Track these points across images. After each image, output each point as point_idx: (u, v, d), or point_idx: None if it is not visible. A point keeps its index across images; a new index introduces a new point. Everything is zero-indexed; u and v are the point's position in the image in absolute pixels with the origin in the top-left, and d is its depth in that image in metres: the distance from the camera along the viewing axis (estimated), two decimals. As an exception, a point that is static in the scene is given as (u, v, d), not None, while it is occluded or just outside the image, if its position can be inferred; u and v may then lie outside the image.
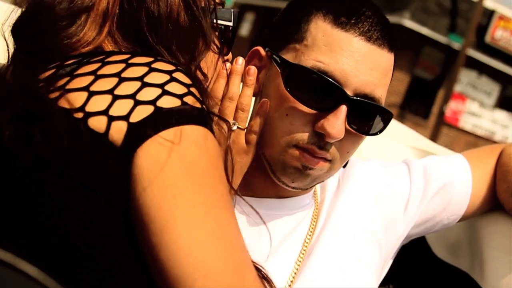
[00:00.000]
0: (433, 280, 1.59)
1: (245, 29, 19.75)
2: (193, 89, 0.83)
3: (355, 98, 1.06)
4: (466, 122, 15.76)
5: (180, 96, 0.80)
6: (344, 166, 1.31)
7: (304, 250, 1.18)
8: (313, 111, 1.07)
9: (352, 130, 1.08)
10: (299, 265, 1.16)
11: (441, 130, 14.34)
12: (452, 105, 15.33)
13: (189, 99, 0.81)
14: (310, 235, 1.20)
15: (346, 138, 1.08)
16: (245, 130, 1.07)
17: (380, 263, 1.25)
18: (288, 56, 1.11)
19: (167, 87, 0.80)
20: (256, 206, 1.17)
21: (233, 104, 1.05)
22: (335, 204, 1.25)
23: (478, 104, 15.71)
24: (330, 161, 1.11)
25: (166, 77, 0.81)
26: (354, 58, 1.05)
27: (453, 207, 1.33)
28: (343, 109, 1.05)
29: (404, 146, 1.70)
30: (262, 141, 1.13)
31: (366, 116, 1.09)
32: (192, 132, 0.78)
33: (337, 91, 1.05)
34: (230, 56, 1.06)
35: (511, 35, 16.07)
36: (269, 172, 1.14)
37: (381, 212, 1.27)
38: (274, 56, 1.12)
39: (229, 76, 1.06)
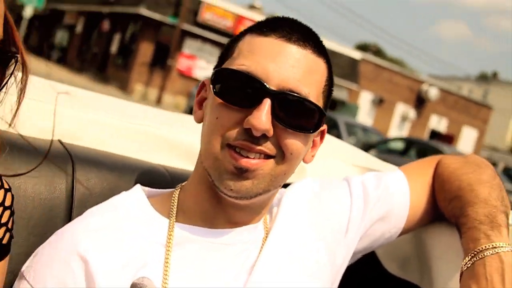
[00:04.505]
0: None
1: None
2: None
3: (276, 90, 1.07)
4: (197, 73, 27.40)
5: None
6: (285, 186, 1.30)
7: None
8: (241, 111, 1.08)
9: (280, 125, 1.08)
10: None
11: (177, 79, 27.30)
12: (185, 62, 27.40)
13: None
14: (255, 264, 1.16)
15: (280, 134, 1.08)
16: None
17: (328, 280, 1.23)
18: None
19: None
20: (210, 237, 1.14)
21: None
22: (273, 229, 1.22)
23: (205, 61, 27.33)
24: (272, 157, 1.10)
25: None
26: (274, 57, 1.08)
27: (393, 220, 1.35)
28: (266, 102, 1.06)
29: (346, 165, 1.72)
30: (202, 155, 1.14)
31: (293, 110, 1.09)
32: None
33: (259, 87, 1.07)
34: None
35: (216, 16, 27.03)
36: (213, 186, 1.12)
37: (322, 234, 1.26)
38: (210, 78, 1.14)
39: None
